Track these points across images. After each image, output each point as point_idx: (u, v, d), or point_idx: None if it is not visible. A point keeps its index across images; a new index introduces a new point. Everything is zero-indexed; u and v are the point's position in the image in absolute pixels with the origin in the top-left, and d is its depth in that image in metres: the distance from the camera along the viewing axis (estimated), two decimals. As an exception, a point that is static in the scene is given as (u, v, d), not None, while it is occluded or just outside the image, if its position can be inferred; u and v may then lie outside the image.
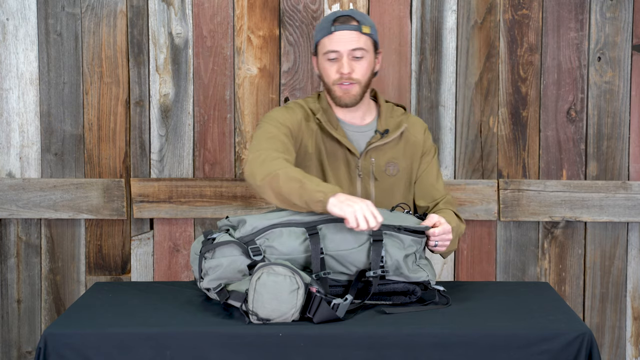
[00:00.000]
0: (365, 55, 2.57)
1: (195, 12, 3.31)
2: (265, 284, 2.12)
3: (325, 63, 2.58)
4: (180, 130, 3.34)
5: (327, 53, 2.57)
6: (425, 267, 2.35)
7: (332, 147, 2.62)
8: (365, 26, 2.57)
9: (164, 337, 2.10)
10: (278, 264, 2.14)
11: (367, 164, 2.63)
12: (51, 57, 3.32)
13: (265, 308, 2.12)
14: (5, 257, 3.40)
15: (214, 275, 2.26)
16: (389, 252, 2.28)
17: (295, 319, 2.14)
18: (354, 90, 2.58)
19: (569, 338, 2.10)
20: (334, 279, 2.30)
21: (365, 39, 2.57)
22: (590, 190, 3.33)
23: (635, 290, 3.41)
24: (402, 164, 2.66)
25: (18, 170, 3.36)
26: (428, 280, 2.33)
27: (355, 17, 2.57)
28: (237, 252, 2.25)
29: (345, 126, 2.65)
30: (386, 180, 2.64)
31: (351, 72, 2.55)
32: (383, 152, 2.64)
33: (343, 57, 2.55)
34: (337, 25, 2.55)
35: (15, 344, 3.42)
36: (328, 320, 2.13)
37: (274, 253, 2.26)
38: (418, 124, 2.72)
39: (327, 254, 2.27)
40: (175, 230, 3.38)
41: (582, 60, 3.32)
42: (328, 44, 2.56)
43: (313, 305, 2.13)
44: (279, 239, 2.27)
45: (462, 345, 2.10)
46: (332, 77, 2.58)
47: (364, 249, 2.28)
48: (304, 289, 2.13)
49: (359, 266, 2.29)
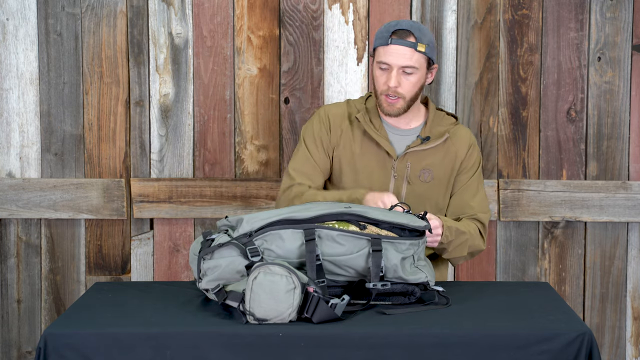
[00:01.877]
0: (415, 72, 2.63)
1: (195, 12, 3.31)
2: (261, 283, 2.12)
3: (377, 71, 2.66)
4: (180, 130, 3.34)
5: (380, 62, 2.64)
6: (424, 268, 2.35)
7: (370, 147, 2.70)
8: (422, 44, 2.62)
9: (164, 337, 2.10)
10: (275, 264, 2.14)
11: (403, 167, 2.68)
12: (51, 57, 3.32)
13: (262, 307, 2.12)
14: (5, 257, 3.40)
15: (213, 276, 2.26)
16: (387, 256, 2.29)
17: (293, 319, 2.14)
18: (398, 104, 2.65)
19: (569, 338, 2.10)
20: (332, 280, 2.30)
21: (418, 56, 2.63)
22: (590, 190, 3.33)
23: (635, 290, 3.41)
24: (438, 172, 2.71)
25: (18, 170, 3.36)
26: (427, 281, 2.33)
27: (414, 32, 2.62)
28: (235, 253, 2.25)
29: (388, 128, 2.72)
30: (419, 186, 2.69)
31: (398, 86, 2.63)
32: (421, 157, 2.69)
33: (393, 70, 2.62)
34: (395, 38, 2.62)
35: (15, 344, 3.42)
36: (328, 320, 2.13)
37: (271, 255, 2.27)
38: (464, 138, 2.76)
39: (325, 259, 2.28)
40: (175, 230, 3.38)
41: (582, 60, 3.32)
42: (382, 55, 2.63)
43: (311, 305, 2.13)
44: (277, 241, 2.28)
45: (462, 345, 2.10)
46: (380, 86, 2.66)
47: (363, 255, 2.29)
48: (300, 289, 2.13)
49: (358, 270, 2.30)
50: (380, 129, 2.71)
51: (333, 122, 2.74)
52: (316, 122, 2.76)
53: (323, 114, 2.77)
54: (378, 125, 2.71)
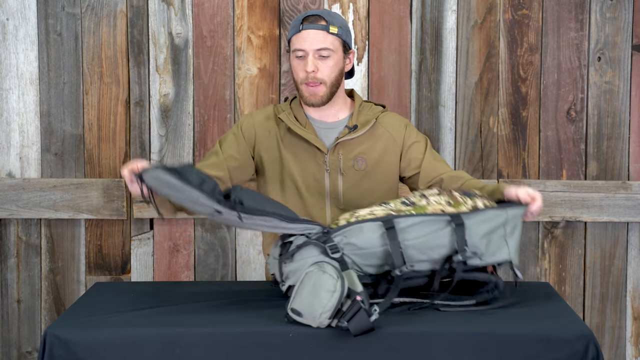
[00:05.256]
0: (331, 55, 2.59)
1: (195, 12, 3.32)
2: (310, 276, 2.12)
3: (294, 61, 2.62)
4: (180, 130, 3.34)
5: (295, 51, 2.60)
6: (513, 239, 2.30)
7: (299, 145, 2.65)
8: (334, 26, 2.59)
9: (164, 337, 2.11)
10: (331, 265, 2.15)
11: (335, 159, 2.64)
12: (51, 57, 3.32)
13: (301, 299, 2.10)
14: (5, 257, 3.40)
15: (295, 277, 2.25)
16: (470, 231, 2.26)
17: (321, 325, 2.09)
18: (320, 91, 2.60)
19: (570, 340, 2.10)
20: (416, 270, 2.29)
21: (332, 38, 2.59)
22: (590, 190, 3.34)
23: (635, 290, 3.41)
24: (372, 159, 2.66)
25: (18, 170, 3.36)
26: (509, 260, 2.30)
27: (324, 16, 2.60)
28: (316, 252, 2.25)
29: (315, 123, 2.67)
30: (354, 175, 2.65)
31: (316, 70, 2.58)
32: (351, 147, 2.65)
33: (309, 55, 2.58)
34: (306, 24, 2.58)
35: (15, 344, 3.42)
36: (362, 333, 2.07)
37: (353, 249, 2.27)
38: (395, 121, 2.72)
39: (407, 244, 2.27)
40: (175, 230, 3.38)
41: (582, 60, 3.33)
42: (296, 42, 2.59)
43: (351, 310, 2.07)
44: (358, 234, 2.27)
45: (462, 346, 2.10)
46: (299, 75, 2.61)
47: (447, 233, 2.27)
48: (339, 294, 2.08)
49: (441, 252, 2.28)
50: (307, 125, 2.65)
51: (258, 128, 2.67)
52: (235, 127, 2.71)
53: (246, 121, 2.70)
54: (304, 122, 2.66)
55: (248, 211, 2.21)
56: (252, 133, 2.67)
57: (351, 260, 2.27)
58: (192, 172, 2.21)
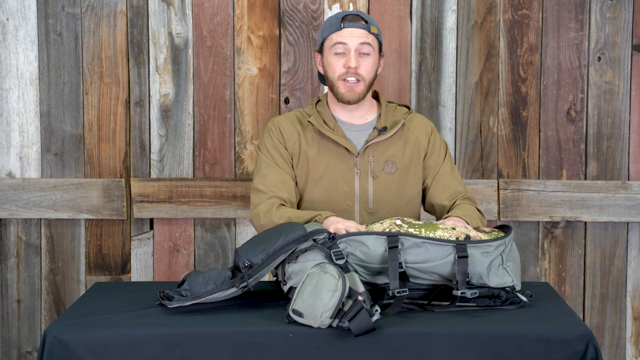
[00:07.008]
0: (371, 53, 2.62)
1: (195, 12, 3.32)
2: (312, 278, 2.12)
3: (331, 58, 2.62)
4: (180, 130, 3.34)
5: (335, 46, 2.61)
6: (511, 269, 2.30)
7: (329, 148, 2.64)
8: (373, 27, 2.63)
9: (164, 337, 2.11)
10: (333, 266, 2.14)
11: (365, 162, 2.64)
12: (51, 57, 3.32)
13: (303, 300, 2.10)
14: (5, 257, 3.40)
15: (298, 278, 2.25)
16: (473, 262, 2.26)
17: (322, 325, 2.09)
18: (358, 88, 2.62)
19: (570, 340, 2.10)
20: (416, 283, 2.28)
21: (372, 38, 2.63)
22: (590, 190, 3.34)
23: (635, 290, 3.41)
24: (401, 162, 2.67)
25: (18, 170, 3.36)
26: (513, 286, 2.30)
27: (363, 17, 2.64)
28: (320, 256, 2.25)
29: (344, 126, 2.67)
30: (384, 179, 2.65)
31: (358, 66, 2.59)
32: (382, 150, 2.66)
33: (351, 51, 2.60)
34: (347, 22, 2.61)
35: (15, 344, 3.42)
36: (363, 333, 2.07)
37: (355, 260, 2.27)
38: (421, 124, 2.73)
39: (408, 266, 2.26)
40: (175, 230, 3.38)
41: (582, 60, 3.33)
42: (336, 38, 2.61)
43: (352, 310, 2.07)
44: (360, 247, 2.27)
45: (462, 346, 2.10)
46: (338, 71, 2.62)
47: (449, 262, 2.26)
48: (340, 293, 2.08)
49: (444, 275, 2.27)
50: (336, 128, 2.66)
51: (285, 131, 2.67)
52: (267, 136, 2.69)
53: (272, 126, 2.70)
54: (333, 125, 2.66)
55: (257, 269, 2.26)
56: (283, 140, 2.68)
57: (353, 268, 2.27)
58: (196, 281, 2.29)
